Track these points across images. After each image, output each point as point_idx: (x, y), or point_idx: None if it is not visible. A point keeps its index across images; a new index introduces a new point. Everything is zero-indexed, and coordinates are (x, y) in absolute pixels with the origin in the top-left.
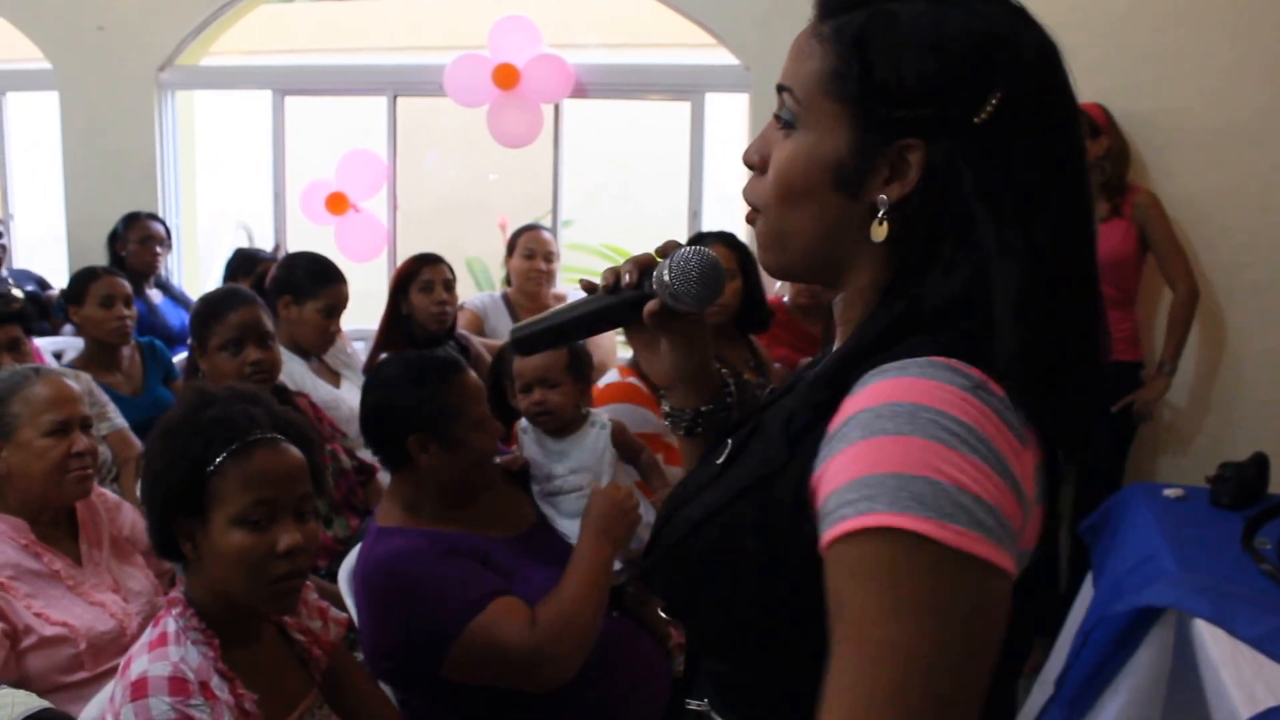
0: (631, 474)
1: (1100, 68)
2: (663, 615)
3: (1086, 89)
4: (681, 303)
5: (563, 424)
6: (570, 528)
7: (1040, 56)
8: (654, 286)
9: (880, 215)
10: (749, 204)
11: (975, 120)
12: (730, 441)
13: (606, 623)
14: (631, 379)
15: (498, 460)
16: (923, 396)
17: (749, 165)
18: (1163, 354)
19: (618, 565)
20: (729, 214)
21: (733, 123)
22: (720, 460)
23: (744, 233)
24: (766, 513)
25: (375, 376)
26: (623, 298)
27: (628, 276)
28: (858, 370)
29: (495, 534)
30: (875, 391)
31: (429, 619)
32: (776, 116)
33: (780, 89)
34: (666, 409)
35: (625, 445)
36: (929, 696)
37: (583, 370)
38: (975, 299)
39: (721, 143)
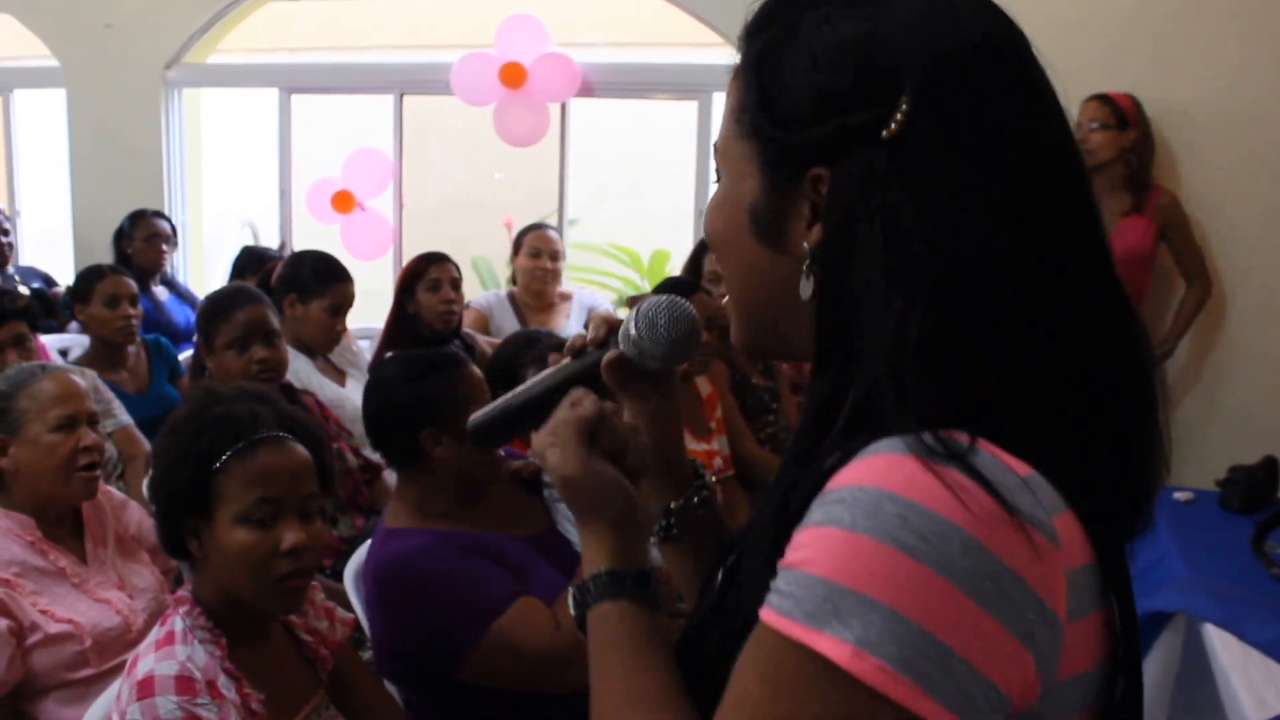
0: None
1: (1106, 63)
2: None
3: (1098, 83)
4: (647, 357)
5: None
6: (575, 534)
7: (973, 51)
8: (619, 341)
9: (805, 266)
10: None
11: (884, 135)
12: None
13: None
14: None
15: (515, 465)
16: (890, 480)
17: None
18: (1166, 333)
19: None
20: None
21: None
22: (714, 596)
23: None
24: None
25: (377, 378)
26: (586, 362)
27: (593, 333)
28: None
29: (508, 532)
30: (847, 470)
31: (447, 621)
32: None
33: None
34: None
35: None
36: None
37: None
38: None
39: None
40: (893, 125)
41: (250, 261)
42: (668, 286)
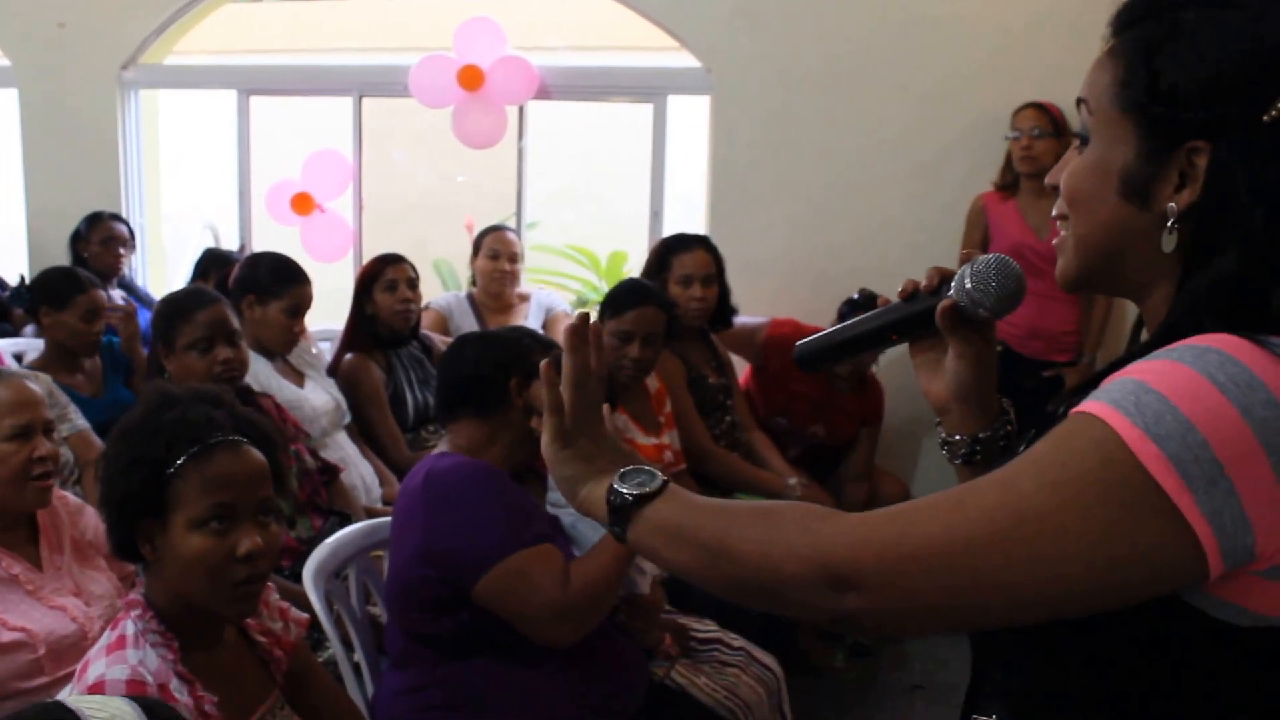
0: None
1: (1068, 68)
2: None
3: (1053, 89)
4: (978, 307)
5: None
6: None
7: None
8: (951, 290)
9: (1170, 223)
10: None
11: (1265, 119)
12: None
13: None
14: None
15: None
16: (1221, 342)
17: (1053, 189)
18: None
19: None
20: (690, 215)
21: (694, 125)
22: None
23: (708, 233)
24: None
25: (466, 342)
26: (919, 305)
27: (927, 281)
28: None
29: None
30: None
31: (490, 531)
32: (1077, 135)
33: (1079, 101)
34: (942, 436)
35: None
36: (997, 544)
37: None
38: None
39: (683, 144)
40: (1272, 114)
41: (213, 263)
42: (628, 286)
